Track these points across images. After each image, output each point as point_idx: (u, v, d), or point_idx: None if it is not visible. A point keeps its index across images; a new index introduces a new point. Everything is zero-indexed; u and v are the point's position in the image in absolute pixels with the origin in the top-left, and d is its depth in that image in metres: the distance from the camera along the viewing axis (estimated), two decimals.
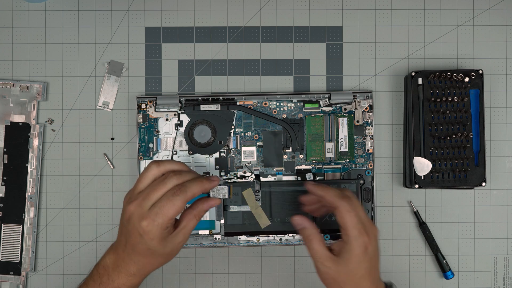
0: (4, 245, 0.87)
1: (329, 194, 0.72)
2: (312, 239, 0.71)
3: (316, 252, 0.71)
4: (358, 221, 0.70)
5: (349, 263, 0.70)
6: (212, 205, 0.71)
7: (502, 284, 0.89)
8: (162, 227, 0.68)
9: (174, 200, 0.67)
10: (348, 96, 0.88)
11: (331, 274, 0.70)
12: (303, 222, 0.72)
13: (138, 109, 0.88)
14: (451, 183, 0.85)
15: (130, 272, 0.71)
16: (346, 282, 0.70)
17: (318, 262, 0.71)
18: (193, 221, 0.71)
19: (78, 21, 0.89)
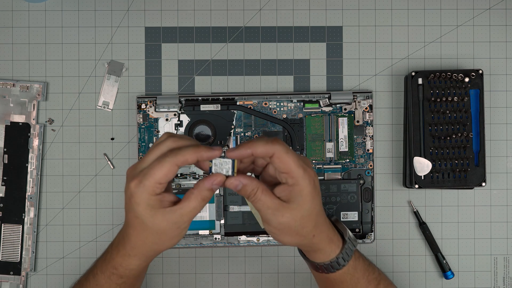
0: (4, 245, 0.87)
1: (257, 146, 0.63)
2: (257, 191, 0.64)
3: (265, 204, 0.64)
4: (298, 159, 0.64)
5: (304, 204, 0.65)
6: (215, 182, 0.63)
7: (502, 284, 0.89)
8: (148, 190, 0.62)
9: (163, 162, 0.62)
10: (348, 96, 0.88)
11: (286, 222, 0.65)
12: (240, 181, 0.64)
13: (138, 109, 0.88)
14: (451, 183, 0.85)
15: (125, 250, 0.68)
16: (303, 225, 0.66)
17: (269, 214, 0.65)
18: (194, 201, 0.64)
19: (78, 21, 0.89)
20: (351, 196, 0.88)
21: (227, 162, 0.64)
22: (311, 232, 0.67)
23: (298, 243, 0.68)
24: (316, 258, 0.70)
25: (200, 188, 0.64)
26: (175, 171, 0.63)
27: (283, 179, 0.64)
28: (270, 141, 0.63)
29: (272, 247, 0.89)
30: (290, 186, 0.64)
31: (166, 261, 0.89)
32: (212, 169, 0.64)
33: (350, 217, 0.88)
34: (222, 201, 0.88)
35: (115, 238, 0.71)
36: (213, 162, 0.64)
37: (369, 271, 0.74)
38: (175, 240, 0.66)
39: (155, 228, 0.64)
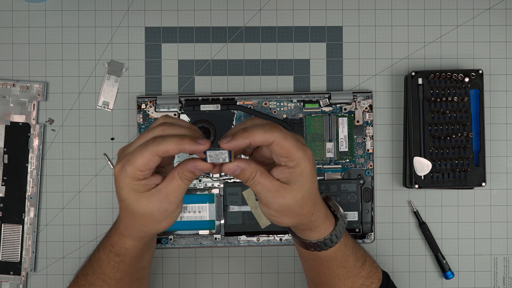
0: (4, 245, 0.87)
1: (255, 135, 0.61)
2: (256, 175, 0.62)
3: (265, 186, 0.63)
4: (296, 141, 0.62)
5: (305, 184, 0.64)
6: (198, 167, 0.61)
7: (502, 284, 0.89)
8: (130, 176, 0.61)
9: (144, 151, 0.60)
10: (348, 96, 0.88)
11: (287, 203, 0.64)
12: (238, 165, 0.62)
13: (138, 109, 0.88)
14: (451, 183, 0.85)
15: (120, 229, 0.69)
16: (304, 204, 0.65)
17: (270, 197, 0.64)
18: (174, 182, 0.62)
19: (78, 21, 0.89)
20: (351, 196, 0.88)
21: (223, 153, 0.61)
22: (310, 211, 0.67)
23: (297, 222, 0.68)
24: (311, 236, 0.70)
25: (182, 168, 0.62)
26: (156, 161, 0.61)
27: (283, 162, 0.63)
28: (268, 129, 0.61)
29: (272, 247, 0.89)
30: (290, 168, 0.63)
31: (166, 261, 0.89)
32: (207, 160, 0.61)
33: (350, 217, 0.88)
34: (222, 201, 0.88)
35: None
36: (207, 154, 0.61)
37: (356, 248, 0.75)
38: (164, 223, 0.65)
39: (140, 211, 0.63)
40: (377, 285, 0.76)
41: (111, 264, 0.72)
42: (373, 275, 0.76)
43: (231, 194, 0.88)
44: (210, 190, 0.88)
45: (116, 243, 0.70)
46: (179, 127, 0.62)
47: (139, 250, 0.71)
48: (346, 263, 0.74)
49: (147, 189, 0.63)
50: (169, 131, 0.62)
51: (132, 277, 0.74)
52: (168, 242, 0.88)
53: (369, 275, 0.76)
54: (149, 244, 0.74)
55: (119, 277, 0.73)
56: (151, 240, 0.74)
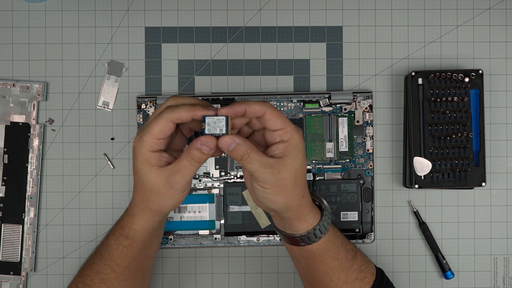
0: (4, 245, 0.87)
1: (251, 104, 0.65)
2: (250, 152, 0.64)
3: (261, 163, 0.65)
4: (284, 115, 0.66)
5: (298, 157, 0.67)
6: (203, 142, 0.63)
7: (502, 284, 0.89)
8: (146, 145, 0.65)
9: (159, 118, 0.64)
10: (348, 96, 0.88)
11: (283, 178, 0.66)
12: (234, 139, 0.64)
13: (138, 109, 0.88)
14: (451, 183, 0.85)
15: (130, 209, 0.72)
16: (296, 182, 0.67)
17: (266, 173, 0.65)
18: (184, 160, 0.65)
19: (78, 21, 0.89)
20: (351, 196, 0.88)
21: (220, 119, 0.63)
22: (301, 192, 0.69)
23: (288, 202, 0.68)
24: (300, 227, 0.71)
25: (189, 147, 0.65)
26: (171, 127, 0.64)
27: (277, 137, 0.66)
28: (261, 102, 0.65)
29: (272, 247, 0.89)
30: (285, 142, 0.66)
31: (166, 261, 0.89)
32: (205, 130, 0.63)
33: (350, 217, 0.88)
34: (222, 201, 0.88)
35: None
36: (206, 122, 0.63)
37: (345, 241, 0.76)
38: (169, 201, 0.68)
39: (149, 185, 0.67)
40: (371, 279, 0.76)
41: (120, 248, 0.73)
42: (365, 269, 0.76)
43: (231, 194, 0.88)
44: (210, 190, 0.88)
45: (126, 224, 0.72)
46: (189, 98, 0.67)
47: (148, 234, 0.73)
48: (338, 254, 0.74)
49: (158, 164, 0.66)
50: (180, 101, 0.66)
51: (139, 265, 0.75)
52: (168, 242, 0.88)
53: (361, 269, 0.76)
54: (157, 231, 0.75)
55: (126, 263, 0.74)
56: (159, 226, 0.75)
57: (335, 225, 0.85)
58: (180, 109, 0.64)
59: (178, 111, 0.64)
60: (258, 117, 0.66)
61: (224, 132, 0.63)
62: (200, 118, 0.64)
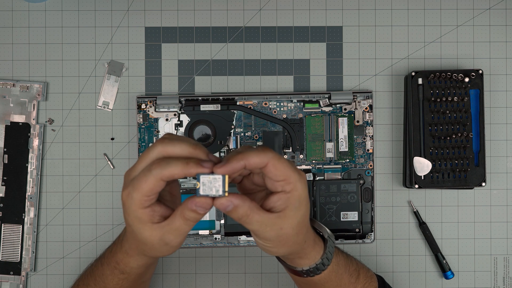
0: (4, 245, 0.87)
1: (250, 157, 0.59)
2: (250, 213, 0.59)
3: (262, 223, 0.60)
4: (290, 163, 0.60)
5: (301, 208, 0.62)
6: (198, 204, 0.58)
7: (502, 284, 0.89)
8: (136, 203, 0.59)
9: (148, 176, 0.58)
10: (348, 96, 0.88)
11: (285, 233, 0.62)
12: (231, 200, 0.58)
13: (138, 109, 0.88)
14: (451, 183, 0.85)
15: (125, 248, 0.68)
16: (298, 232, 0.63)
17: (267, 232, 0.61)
18: (177, 221, 0.60)
19: (78, 21, 0.89)
20: (351, 196, 0.88)
21: (217, 179, 0.57)
22: (303, 238, 0.65)
23: (290, 252, 0.66)
24: (301, 264, 0.69)
25: (183, 207, 0.59)
26: (161, 185, 0.59)
27: (279, 187, 0.61)
28: (261, 150, 0.59)
29: None
30: (287, 193, 0.61)
31: (166, 261, 0.89)
32: (200, 190, 0.57)
33: (350, 217, 0.88)
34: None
35: (122, 230, 0.71)
36: (200, 181, 0.57)
37: (349, 264, 0.74)
38: (165, 253, 0.64)
39: (142, 240, 0.62)
40: None
41: (115, 280, 0.71)
42: (368, 286, 0.76)
43: None
44: None
45: (122, 261, 0.69)
46: (179, 142, 0.60)
47: (143, 270, 0.71)
48: (341, 281, 0.73)
49: (151, 220, 0.61)
50: (169, 150, 0.59)
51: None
52: None
53: (365, 287, 0.75)
54: (154, 263, 0.74)
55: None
56: (155, 260, 0.73)
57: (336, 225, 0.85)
58: (171, 166, 0.58)
59: (169, 169, 0.58)
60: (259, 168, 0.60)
61: (220, 193, 0.57)
62: (194, 175, 0.58)
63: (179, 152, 0.59)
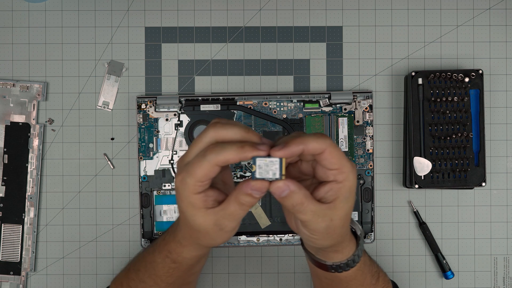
0: (4, 245, 0.87)
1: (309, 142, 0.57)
2: (304, 201, 0.58)
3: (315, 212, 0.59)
4: (343, 153, 0.59)
5: (350, 199, 0.61)
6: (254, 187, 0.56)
7: (502, 284, 0.89)
8: (190, 188, 0.58)
9: (202, 161, 0.57)
10: (348, 96, 0.88)
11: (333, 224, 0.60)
12: (288, 185, 0.57)
13: (138, 109, 0.88)
14: (451, 183, 0.85)
15: (178, 238, 0.68)
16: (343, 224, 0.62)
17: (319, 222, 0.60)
18: (232, 206, 0.58)
19: (78, 21, 0.89)
20: None
21: (273, 162, 0.55)
22: (346, 231, 0.65)
23: (333, 244, 0.65)
24: (335, 258, 0.68)
25: (237, 191, 0.58)
26: (216, 171, 0.58)
27: (331, 176, 0.59)
28: (320, 136, 0.58)
29: (272, 247, 0.89)
30: (339, 183, 0.59)
31: None
32: (256, 173, 0.56)
33: None
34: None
35: (176, 219, 0.70)
36: (257, 164, 0.55)
37: (372, 265, 0.74)
38: (218, 240, 0.63)
39: (196, 227, 0.61)
40: None
41: (166, 268, 0.71)
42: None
43: None
44: None
45: (174, 250, 0.69)
46: (231, 126, 0.58)
47: (196, 260, 0.71)
48: (364, 281, 0.72)
49: (205, 206, 0.59)
50: (222, 134, 0.58)
51: (184, 281, 0.74)
52: None
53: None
54: (206, 254, 0.74)
55: (171, 281, 0.72)
56: (208, 251, 0.73)
57: None
58: (226, 151, 0.56)
59: (224, 154, 0.56)
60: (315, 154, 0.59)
61: (277, 176, 0.55)
62: (249, 159, 0.56)
63: (232, 136, 0.58)
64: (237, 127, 0.58)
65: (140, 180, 0.87)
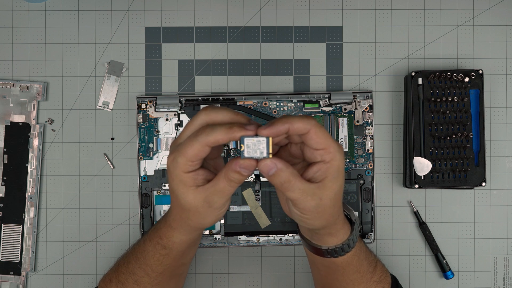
0: (4, 245, 0.87)
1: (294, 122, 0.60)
2: (292, 179, 0.60)
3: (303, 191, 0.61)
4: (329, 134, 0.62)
5: (339, 179, 0.63)
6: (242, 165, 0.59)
7: (502, 284, 0.89)
8: (180, 167, 0.61)
9: (194, 141, 0.60)
10: (348, 96, 0.88)
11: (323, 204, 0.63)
12: (275, 163, 0.60)
13: (138, 109, 0.88)
14: (451, 183, 0.85)
15: (169, 221, 0.69)
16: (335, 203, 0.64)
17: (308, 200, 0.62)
18: (221, 182, 0.61)
19: (78, 21, 0.89)
20: (351, 196, 0.88)
21: (261, 141, 0.58)
22: (338, 212, 0.66)
23: (325, 224, 0.66)
24: (329, 242, 0.69)
25: (227, 168, 0.61)
26: (206, 151, 0.61)
27: (318, 156, 0.61)
28: (305, 117, 0.60)
29: (272, 247, 0.89)
30: (326, 163, 0.61)
31: None
32: (244, 152, 0.59)
33: None
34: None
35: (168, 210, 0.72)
36: (245, 144, 0.59)
37: (369, 253, 0.75)
38: (208, 219, 0.65)
39: (186, 205, 0.64)
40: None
41: (156, 256, 0.72)
42: (384, 280, 0.76)
43: None
44: None
45: (165, 235, 0.71)
46: (221, 110, 0.62)
47: (186, 245, 0.72)
48: (361, 268, 0.73)
49: (195, 184, 0.62)
50: (213, 116, 0.62)
51: (173, 272, 0.75)
52: None
53: (380, 279, 0.75)
54: (195, 241, 0.75)
55: (161, 270, 0.73)
56: (196, 239, 0.74)
57: None
58: (216, 132, 0.59)
59: (214, 135, 0.59)
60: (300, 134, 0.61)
61: (265, 155, 0.58)
62: (238, 139, 0.59)
63: (222, 119, 0.61)
64: (227, 110, 0.62)
65: (140, 180, 0.87)
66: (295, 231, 0.88)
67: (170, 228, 0.70)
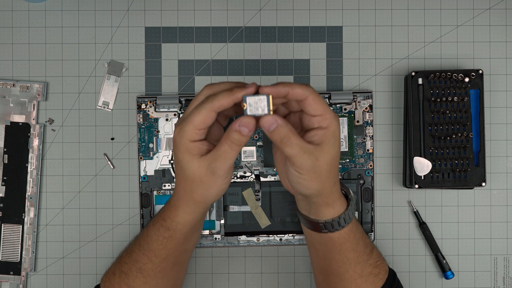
0: (4, 245, 0.87)
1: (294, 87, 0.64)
2: (291, 135, 0.64)
3: (301, 147, 0.65)
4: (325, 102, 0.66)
5: (335, 145, 0.66)
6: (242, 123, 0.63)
7: (502, 284, 0.89)
8: (187, 136, 0.65)
9: (200, 109, 0.64)
10: (348, 96, 0.88)
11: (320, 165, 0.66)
12: (276, 119, 0.63)
13: (138, 109, 0.88)
14: (451, 183, 0.85)
15: (173, 201, 0.72)
16: (331, 169, 0.67)
17: (304, 159, 0.65)
18: (224, 144, 0.65)
19: (78, 21, 0.89)
20: None
21: (261, 99, 0.62)
22: (334, 179, 0.69)
23: (321, 188, 0.68)
24: (326, 213, 0.71)
25: (228, 130, 0.64)
26: (212, 117, 0.64)
27: (316, 123, 0.65)
28: (304, 84, 0.64)
29: (272, 247, 0.89)
30: (323, 129, 0.65)
31: None
32: (247, 110, 0.62)
33: None
34: (222, 201, 0.88)
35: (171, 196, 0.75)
36: (247, 102, 0.62)
37: (365, 234, 0.77)
38: (212, 190, 0.68)
39: (191, 174, 0.67)
40: (384, 276, 0.77)
41: (160, 239, 0.73)
42: (380, 265, 0.77)
43: (231, 194, 0.88)
44: None
45: (168, 216, 0.72)
46: (224, 83, 0.66)
47: (189, 226, 0.73)
48: (357, 246, 0.74)
49: (200, 152, 0.66)
50: (215, 88, 0.66)
51: (176, 258, 0.76)
52: None
53: (377, 264, 0.76)
54: (198, 225, 0.76)
55: (164, 255, 0.74)
56: (200, 219, 0.75)
57: None
58: (219, 96, 0.63)
59: (218, 99, 0.63)
60: (299, 100, 0.65)
61: (266, 112, 0.62)
62: (240, 100, 0.63)
63: (224, 88, 0.65)
64: (228, 82, 0.66)
65: (140, 180, 0.87)
66: (295, 231, 0.88)
67: (174, 207, 0.72)
